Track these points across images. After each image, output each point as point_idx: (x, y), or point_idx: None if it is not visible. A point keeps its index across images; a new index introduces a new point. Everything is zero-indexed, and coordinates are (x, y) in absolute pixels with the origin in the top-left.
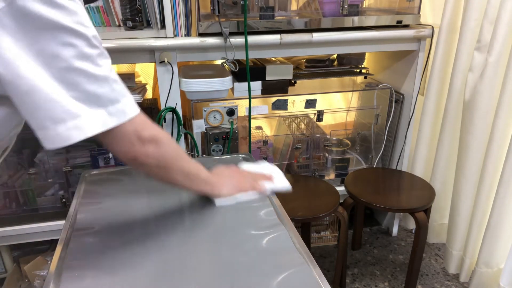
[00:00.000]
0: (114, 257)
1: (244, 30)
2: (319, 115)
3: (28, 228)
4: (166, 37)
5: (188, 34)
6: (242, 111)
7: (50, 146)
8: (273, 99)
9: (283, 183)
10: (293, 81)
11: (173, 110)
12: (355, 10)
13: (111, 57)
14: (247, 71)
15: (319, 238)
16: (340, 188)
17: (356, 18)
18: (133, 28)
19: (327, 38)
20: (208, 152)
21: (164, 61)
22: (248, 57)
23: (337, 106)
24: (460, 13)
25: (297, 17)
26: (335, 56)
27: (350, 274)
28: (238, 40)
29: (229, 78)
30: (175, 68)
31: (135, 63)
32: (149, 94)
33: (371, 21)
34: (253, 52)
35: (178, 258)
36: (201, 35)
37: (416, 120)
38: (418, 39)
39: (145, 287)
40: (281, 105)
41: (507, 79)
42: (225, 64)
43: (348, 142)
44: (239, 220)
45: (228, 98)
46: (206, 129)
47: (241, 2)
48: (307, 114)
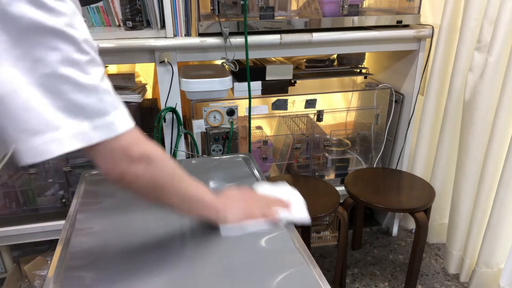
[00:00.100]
0: (114, 257)
1: (244, 30)
2: (319, 115)
3: (28, 228)
4: (166, 37)
5: (188, 34)
6: (242, 111)
7: (25, 160)
8: (273, 99)
9: (301, 213)
10: (293, 81)
11: (173, 110)
12: (355, 10)
13: (111, 57)
14: (247, 71)
15: (319, 238)
16: (340, 188)
17: (356, 18)
18: (133, 28)
19: (327, 38)
20: (208, 152)
21: (164, 61)
22: (248, 57)
23: (337, 106)
24: (460, 13)
25: (297, 17)
26: (335, 56)
27: (350, 274)
28: (238, 40)
29: (229, 78)
30: (175, 68)
31: (135, 63)
32: (149, 94)
33: (371, 21)
34: (253, 52)
35: (178, 257)
36: (201, 35)
37: (416, 120)
38: (418, 39)
39: (145, 286)
40: (281, 105)
41: (507, 79)
42: (225, 64)
43: (348, 142)
44: None
45: (228, 98)
46: (206, 129)
47: (241, 2)
48: (307, 114)
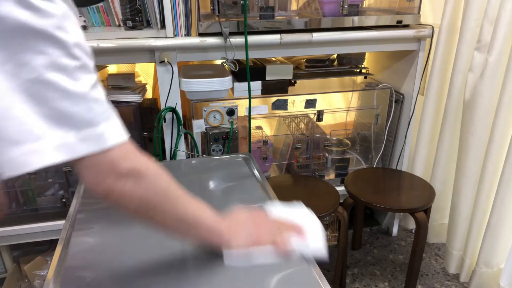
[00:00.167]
0: (114, 257)
1: (244, 30)
2: (319, 115)
3: (28, 228)
4: (166, 37)
5: (188, 34)
6: (242, 111)
7: (4, 173)
8: (273, 99)
9: (317, 243)
10: (293, 81)
11: (173, 110)
12: (355, 10)
13: (111, 57)
14: (247, 71)
15: None
16: (340, 188)
17: (356, 18)
18: (133, 28)
19: (327, 38)
20: (208, 152)
21: (164, 61)
22: (248, 57)
23: (337, 106)
24: (460, 13)
25: (297, 17)
26: (335, 56)
27: (350, 274)
28: (238, 40)
29: (229, 78)
30: (175, 68)
31: (135, 63)
32: (149, 94)
33: (371, 21)
34: (253, 52)
35: (178, 257)
36: (201, 35)
37: (416, 120)
38: (418, 39)
39: (145, 286)
40: (281, 105)
41: (507, 79)
42: (225, 64)
43: (348, 142)
44: None
45: (228, 98)
46: (206, 129)
47: (241, 2)
48: (307, 114)
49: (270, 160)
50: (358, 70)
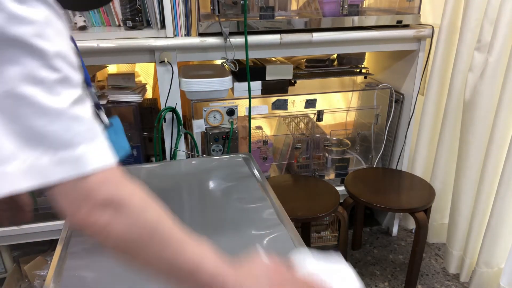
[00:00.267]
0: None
1: (244, 30)
2: (319, 115)
3: (28, 228)
4: (166, 37)
5: (188, 34)
6: (242, 111)
7: None
8: (273, 99)
9: None
10: (293, 81)
11: (173, 110)
12: (355, 10)
13: (111, 57)
14: (247, 71)
15: (319, 238)
16: (340, 188)
17: (356, 18)
18: (133, 28)
19: (327, 38)
20: (208, 152)
21: (164, 61)
22: (248, 57)
23: (337, 106)
24: (460, 13)
25: (297, 17)
26: (335, 56)
27: None
28: (238, 40)
29: (229, 78)
30: (175, 68)
31: (135, 63)
32: (149, 94)
33: (371, 21)
34: (253, 52)
35: None
36: (201, 35)
37: (416, 120)
38: (418, 39)
39: (145, 286)
40: (281, 105)
41: (507, 79)
42: (225, 64)
43: (348, 142)
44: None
45: (228, 98)
46: (206, 129)
47: (241, 2)
48: (307, 114)
49: (270, 160)
50: (358, 70)
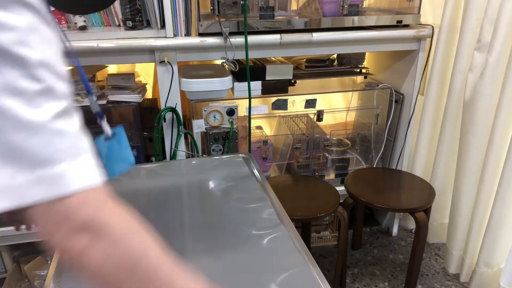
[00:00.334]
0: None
1: (244, 30)
2: (319, 115)
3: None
4: (166, 37)
5: (188, 34)
6: (242, 111)
7: None
8: (273, 99)
9: None
10: (293, 81)
11: (173, 110)
12: (355, 10)
13: (111, 57)
14: (247, 71)
15: (319, 238)
16: (340, 188)
17: (356, 18)
18: (133, 28)
19: (327, 38)
20: (208, 152)
21: (164, 61)
22: (248, 57)
23: (337, 106)
24: (460, 13)
25: (297, 17)
26: (335, 56)
27: (350, 274)
28: (238, 40)
29: (229, 78)
30: (175, 68)
31: (135, 63)
32: (149, 94)
33: (371, 21)
34: (253, 52)
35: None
36: (201, 35)
37: (416, 120)
38: (418, 39)
39: None
40: (281, 105)
41: (507, 79)
42: (225, 64)
43: (348, 142)
44: (240, 220)
45: (228, 98)
46: (206, 129)
47: (241, 2)
48: (307, 114)
49: (270, 160)
50: (358, 70)
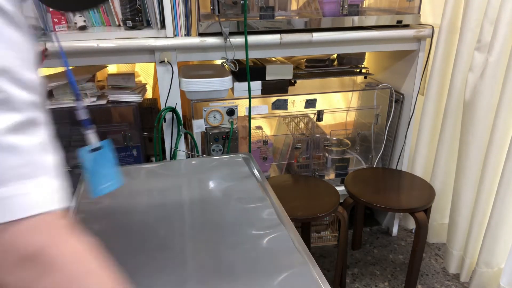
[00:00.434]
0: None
1: (244, 30)
2: (319, 115)
3: None
4: (166, 37)
5: (188, 34)
6: (242, 111)
7: None
8: (273, 99)
9: None
10: (293, 81)
11: (173, 110)
12: (355, 10)
13: (111, 57)
14: (247, 71)
15: (319, 238)
16: (340, 188)
17: (356, 18)
18: (133, 28)
19: (327, 38)
20: (208, 152)
21: (164, 61)
22: (248, 57)
23: (337, 106)
24: (460, 13)
25: (297, 17)
26: (335, 56)
27: (350, 274)
28: (238, 40)
29: (229, 78)
30: (175, 68)
31: (135, 63)
32: (149, 94)
33: (371, 21)
34: (253, 52)
35: (178, 258)
36: (201, 35)
37: (416, 120)
38: (418, 39)
39: (145, 286)
40: (281, 105)
41: (507, 79)
42: (225, 64)
43: (348, 142)
44: (239, 220)
45: (228, 98)
46: (206, 129)
47: (241, 2)
48: (307, 114)
49: (270, 160)
50: (358, 70)
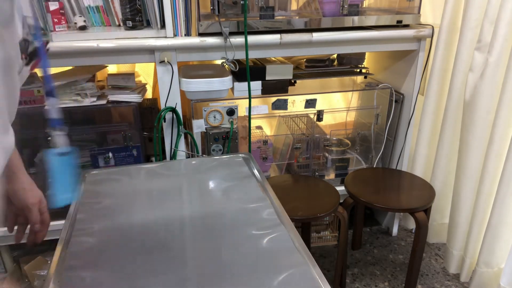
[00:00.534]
0: (114, 257)
1: (244, 30)
2: (319, 115)
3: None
4: (166, 37)
5: (188, 34)
6: (242, 111)
7: None
8: (273, 99)
9: None
10: (293, 81)
11: (173, 110)
12: (355, 10)
13: (111, 57)
14: (247, 71)
15: (319, 238)
16: (340, 188)
17: (356, 18)
18: (133, 28)
19: (327, 38)
20: (208, 152)
21: (164, 61)
22: (248, 57)
23: (337, 106)
24: (460, 13)
25: (297, 17)
26: (335, 56)
27: (350, 274)
28: (238, 40)
29: (229, 78)
30: (175, 68)
31: (135, 63)
32: (149, 94)
33: (371, 21)
34: (253, 52)
35: (178, 258)
36: (201, 35)
37: (416, 120)
38: (418, 39)
39: (145, 286)
40: (281, 105)
41: (508, 79)
42: (225, 64)
43: (348, 142)
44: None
45: (228, 98)
46: (206, 129)
47: (241, 2)
48: (307, 114)
49: (270, 160)
50: (358, 70)
